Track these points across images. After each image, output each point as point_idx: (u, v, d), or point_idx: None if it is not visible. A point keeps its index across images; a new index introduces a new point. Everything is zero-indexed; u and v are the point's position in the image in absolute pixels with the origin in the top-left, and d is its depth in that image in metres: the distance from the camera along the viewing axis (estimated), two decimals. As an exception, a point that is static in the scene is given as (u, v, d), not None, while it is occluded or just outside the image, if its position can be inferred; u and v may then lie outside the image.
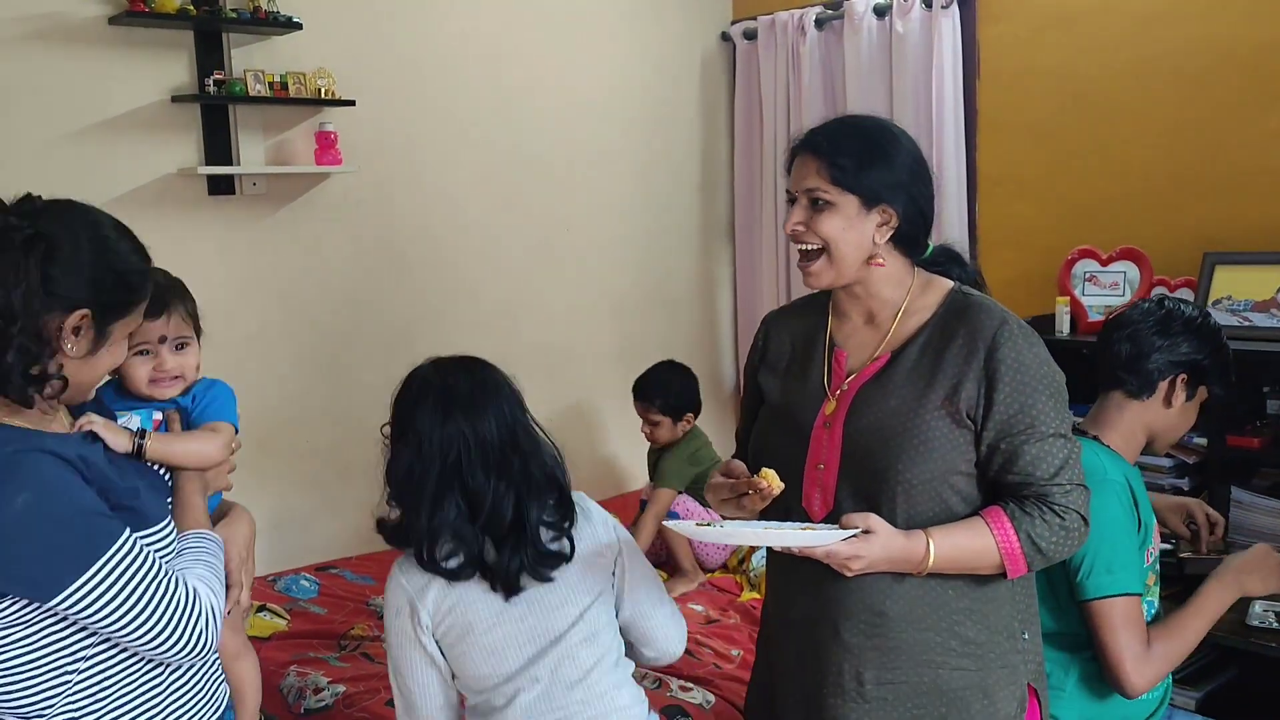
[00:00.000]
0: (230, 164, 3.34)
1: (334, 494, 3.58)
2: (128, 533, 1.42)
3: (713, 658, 2.92)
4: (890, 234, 1.68)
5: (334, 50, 3.47)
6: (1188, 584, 2.52)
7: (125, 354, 1.56)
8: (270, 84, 3.30)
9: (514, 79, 3.94)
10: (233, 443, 1.76)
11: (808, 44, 4.16)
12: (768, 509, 1.67)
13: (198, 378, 1.79)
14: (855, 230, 1.66)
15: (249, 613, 1.74)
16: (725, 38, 4.53)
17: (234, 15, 3.22)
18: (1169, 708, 2.15)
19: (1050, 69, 3.65)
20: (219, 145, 3.32)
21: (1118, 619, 1.90)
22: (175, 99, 3.24)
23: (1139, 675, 1.90)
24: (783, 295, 4.29)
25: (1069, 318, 3.38)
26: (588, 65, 4.15)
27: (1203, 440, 2.99)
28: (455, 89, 3.81)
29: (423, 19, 3.71)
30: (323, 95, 3.38)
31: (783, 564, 1.78)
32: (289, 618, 3.10)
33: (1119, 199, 3.54)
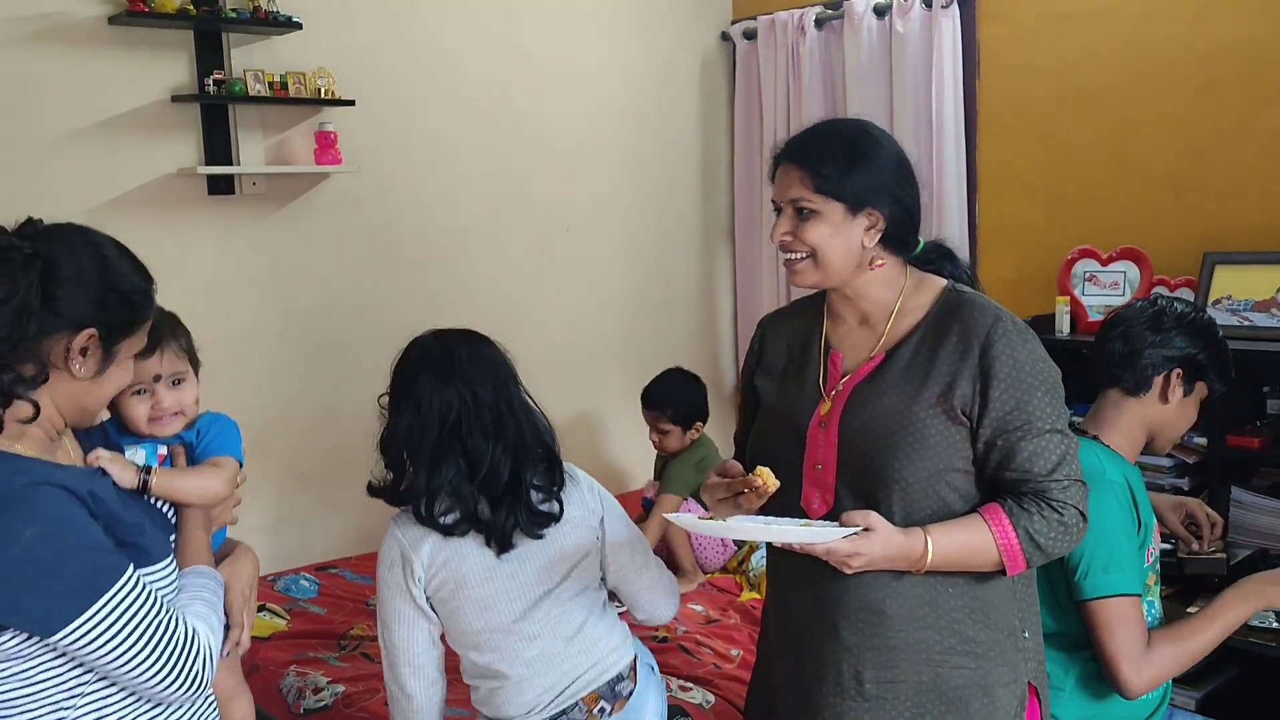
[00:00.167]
0: (230, 164, 3.34)
1: (334, 494, 3.58)
2: (131, 569, 1.41)
3: (713, 658, 2.92)
4: (879, 236, 1.68)
5: (333, 50, 3.48)
6: (1188, 584, 2.53)
7: (131, 374, 1.55)
8: (270, 84, 3.30)
9: (514, 79, 3.94)
10: (237, 477, 1.75)
11: (808, 44, 4.16)
12: (766, 509, 1.67)
13: (199, 412, 1.77)
14: (842, 236, 1.66)
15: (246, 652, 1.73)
16: (725, 37, 4.53)
17: (234, 15, 3.22)
18: (1169, 708, 2.14)
19: (1050, 68, 3.65)
20: (219, 145, 3.32)
21: (1115, 619, 1.89)
22: (175, 99, 3.24)
23: (1136, 676, 1.90)
24: (783, 295, 4.29)
25: (1069, 317, 3.38)
26: (588, 65, 4.15)
27: (1203, 440, 2.99)
28: (455, 89, 3.81)
29: (423, 19, 3.72)
30: (322, 95, 3.39)
31: (782, 563, 1.79)
32: (289, 618, 3.10)
33: (1119, 198, 3.53)
